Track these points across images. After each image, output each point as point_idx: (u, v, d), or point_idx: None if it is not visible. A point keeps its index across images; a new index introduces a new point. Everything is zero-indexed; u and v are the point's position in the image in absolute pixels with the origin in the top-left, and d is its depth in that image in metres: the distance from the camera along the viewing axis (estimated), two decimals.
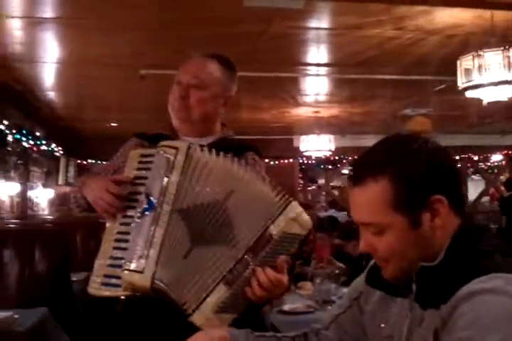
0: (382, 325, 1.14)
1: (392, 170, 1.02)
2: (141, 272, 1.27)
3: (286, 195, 1.35)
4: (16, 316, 2.67)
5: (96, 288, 1.36)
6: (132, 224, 1.36)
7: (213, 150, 1.41)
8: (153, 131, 1.78)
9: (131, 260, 1.29)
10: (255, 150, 1.75)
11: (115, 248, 1.38)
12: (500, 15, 3.64)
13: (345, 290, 3.34)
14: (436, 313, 0.98)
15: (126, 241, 1.36)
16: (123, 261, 1.33)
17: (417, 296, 1.04)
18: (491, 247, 1.01)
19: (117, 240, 1.39)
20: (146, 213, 1.33)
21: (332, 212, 9.69)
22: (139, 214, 1.34)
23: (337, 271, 3.46)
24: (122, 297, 1.35)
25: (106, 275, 1.36)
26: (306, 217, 1.36)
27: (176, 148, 1.39)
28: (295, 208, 1.34)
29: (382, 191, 1.02)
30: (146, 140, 1.70)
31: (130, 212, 1.39)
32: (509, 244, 1.04)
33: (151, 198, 1.34)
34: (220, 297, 1.29)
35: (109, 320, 1.55)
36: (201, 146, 1.43)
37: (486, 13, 3.60)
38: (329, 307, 3.05)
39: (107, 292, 1.35)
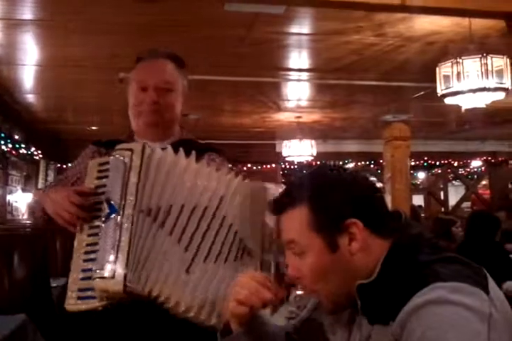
0: (335, 334, 1.16)
1: (311, 196, 1.07)
2: (112, 277, 1.26)
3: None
4: None
5: (72, 303, 1.35)
6: (100, 234, 1.35)
7: (168, 149, 1.43)
8: (112, 137, 1.76)
9: (102, 268, 1.28)
10: (216, 150, 1.74)
11: (85, 260, 1.36)
12: (478, 23, 3.69)
13: None
14: (386, 330, 0.98)
15: (96, 251, 1.34)
16: (93, 271, 1.31)
17: (363, 311, 1.05)
18: (429, 257, 1.01)
19: (87, 252, 1.37)
20: (110, 218, 1.32)
21: None
22: (103, 221, 1.33)
23: None
24: (100, 308, 1.32)
25: (80, 289, 1.34)
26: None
27: (131, 150, 1.39)
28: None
29: (300, 214, 1.07)
30: (103, 146, 1.69)
31: (96, 222, 1.38)
32: (451, 254, 1.04)
33: (112, 203, 1.33)
34: None
35: (87, 327, 1.52)
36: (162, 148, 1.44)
37: (465, 21, 3.65)
38: None
39: (83, 305, 1.34)
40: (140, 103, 1.66)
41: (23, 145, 6.62)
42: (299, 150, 7.59)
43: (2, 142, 5.93)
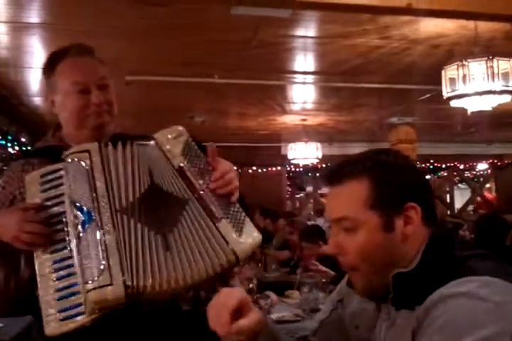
0: (359, 326, 1.16)
1: (374, 173, 1.06)
2: (110, 284, 1.19)
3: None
4: (0, 325, 2.64)
5: (56, 326, 1.26)
6: (71, 246, 1.27)
7: (119, 144, 1.38)
8: (37, 145, 1.66)
9: (93, 277, 1.20)
10: (150, 138, 1.61)
11: (58, 278, 1.28)
12: (484, 26, 3.69)
13: None
14: (411, 314, 0.99)
15: (69, 266, 1.27)
16: (76, 287, 1.25)
17: (393, 301, 1.05)
18: (464, 253, 1.02)
19: (57, 270, 1.29)
20: (88, 226, 1.24)
21: (322, 223, 9.69)
22: (79, 229, 1.25)
23: (324, 280, 3.46)
24: (88, 324, 1.25)
25: (61, 310, 1.26)
26: (173, 129, 1.42)
27: (87, 151, 1.33)
28: (162, 135, 1.41)
29: (362, 188, 1.05)
30: (34, 156, 1.57)
31: (60, 236, 1.30)
32: (483, 251, 1.05)
33: (85, 209, 1.26)
34: (225, 225, 1.30)
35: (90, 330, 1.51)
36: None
37: (470, 24, 3.65)
38: None
39: (71, 325, 1.25)
40: (84, 107, 1.53)
41: (29, 148, 6.65)
42: (305, 153, 7.59)
43: (9, 144, 5.96)
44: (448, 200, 10.54)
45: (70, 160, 1.33)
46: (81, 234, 1.25)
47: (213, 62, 4.54)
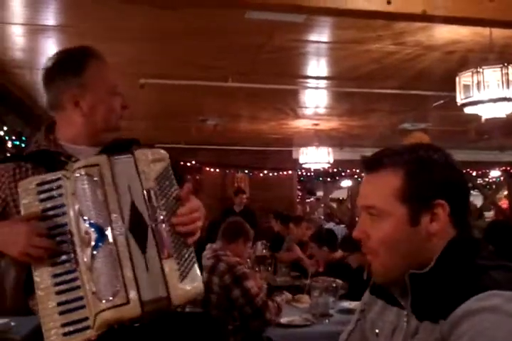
0: (378, 332, 1.16)
1: (410, 166, 1.07)
2: (126, 303, 1.18)
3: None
4: (12, 324, 2.66)
5: None
6: (78, 260, 1.23)
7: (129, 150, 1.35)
8: (30, 147, 1.58)
9: (109, 296, 1.18)
10: (137, 142, 1.60)
11: (59, 292, 1.24)
12: (499, 33, 3.67)
13: (343, 303, 3.34)
14: (434, 327, 0.98)
15: (72, 280, 1.24)
16: (80, 301, 1.22)
17: (413, 307, 1.05)
18: (488, 262, 1.02)
19: (58, 283, 1.25)
20: (101, 241, 1.21)
21: (332, 226, 9.68)
22: (92, 246, 1.21)
23: (334, 285, 3.44)
24: (93, 338, 1.23)
25: (64, 324, 1.23)
26: (156, 151, 1.34)
27: (97, 165, 1.28)
28: (143, 154, 1.32)
29: (395, 180, 1.07)
30: (27, 161, 1.49)
31: (61, 248, 1.26)
32: (507, 262, 1.04)
33: (98, 225, 1.22)
34: (171, 265, 1.24)
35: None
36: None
37: (485, 31, 3.63)
38: (326, 321, 3.04)
39: (76, 339, 1.22)
40: (115, 109, 1.55)
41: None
42: (316, 158, 7.59)
43: (23, 145, 6.01)
44: None
45: (78, 175, 1.27)
46: (94, 252, 1.21)
47: (227, 66, 4.56)
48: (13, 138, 5.75)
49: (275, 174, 9.45)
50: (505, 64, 3.53)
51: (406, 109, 6.33)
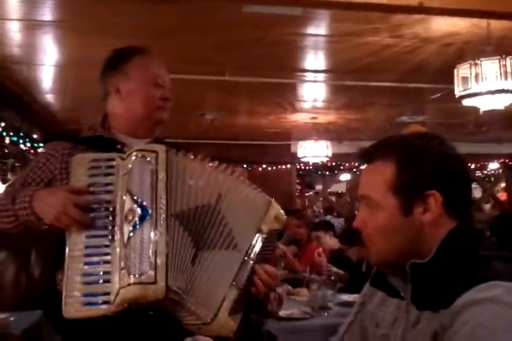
0: (379, 324, 1.16)
1: (401, 158, 1.08)
2: (153, 283, 1.20)
3: (264, 193, 1.41)
4: (11, 318, 2.66)
5: (76, 310, 1.26)
6: (115, 236, 1.27)
7: (189, 153, 1.41)
8: (84, 132, 1.69)
9: (137, 272, 1.21)
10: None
11: (87, 263, 1.28)
12: (496, 25, 3.67)
13: (342, 296, 3.36)
14: (435, 317, 0.99)
15: (104, 254, 1.28)
16: (106, 276, 1.25)
17: (413, 297, 1.06)
18: (490, 253, 1.02)
19: (89, 255, 1.29)
20: (143, 221, 1.25)
21: (329, 218, 9.70)
22: (135, 223, 1.25)
23: (333, 278, 3.46)
24: (110, 314, 1.26)
25: (86, 295, 1.26)
26: (283, 213, 1.43)
27: (155, 152, 1.34)
28: (275, 206, 1.41)
29: (387, 171, 1.08)
30: (81, 142, 1.58)
31: (99, 223, 1.31)
32: (509, 253, 1.04)
33: (144, 205, 1.27)
34: (232, 300, 1.29)
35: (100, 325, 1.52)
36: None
37: (483, 22, 3.63)
38: (325, 314, 3.06)
39: (91, 311, 1.26)
40: (153, 98, 1.62)
41: (41, 145, 6.70)
42: (315, 151, 7.59)
43: (21, 141, 6.01)
44: None
45: (135, 157, 1.33)
46: (137, 227, 1.24)
47: (224, 60, 4.55)
48: (11, 133, 5.75)
49: (274, 168, 9.45)
50: (503, 55, 3.52)
51: (404, 102, 6.33)
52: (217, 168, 1.41)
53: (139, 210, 1.26)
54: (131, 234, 1.25)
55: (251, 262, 1.33)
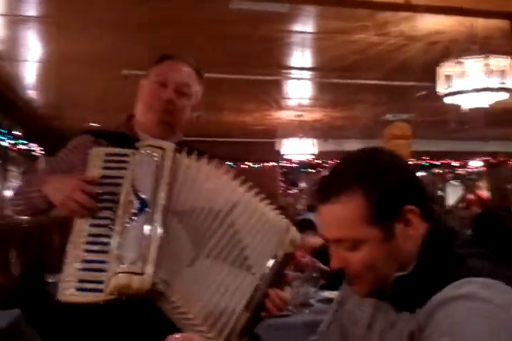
0: (357, 323, 1.16)
1: (365, 185, 1.01)
2: (140, 274, 1.23)
3: (281, 214, 1.39)
4: None
5: (70, 294, 1.30)
6: (114, 227, 1.31)
7: (194, 154, 1.41)
8: (110, 128, 1.75)
9: (126, 262, 1.24)
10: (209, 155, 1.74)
11: (87, 250, 1.32)
12: (480, 23, 3.69)
13: (323, 293, 3.36)
14: (411, 317, 0.98)
15: (103, 243, 1.31)
16: (102, 264, 1.28)
17: (392, 299, 1.05)
18: (464, 251, 1.01)
19: (90, 243, 1.33)
20: (141, 213, 1.28)
21: (310, 216, 9.71)
22: (132, 214, 1.29)
23: (315, 275, 3.45)
24: (101, 302, 1.28)
25: (81, 280, 1.30)
26: (298, 237, 1.40)
27: (163, 149, 1.37)
28: (292, 230, 1.39)
29: (358, 206, 1.01)
30: (104, 138, 1.64)
31: (104, 214, 1.35)
32: (481, 249, 1.04)
33: (143, 198, 1.30)
34: (243, 323, 1.28)
35: (81, 323, 1.51)
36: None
37: (468, 21, 3.65)
38: (307, 311, 3.05)
39: (84, 298, 1.29)
40: (154, 97, 1.65)
41: (23, 142, 6.63)
42: (299, 149, 7.60)
43: (3, 138, 5.93)
44: (440, 197, 10.59)
45: (143, 152, 1.37)
46: (133, 219, 1.28)
47: (211, 57, 4.52)
48: None
49: (258, 165, 9.45)
50: (488, 54, 3.55)
51: (389, 100, 6.36)
52: (232, 176, 1.41)
53: (137, 203, 1.29)
54: (127, 225, 1.28)
55: (264, 287, 1.32)
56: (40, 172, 1.71)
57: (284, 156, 7.95)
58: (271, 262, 1.34)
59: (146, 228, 1.27)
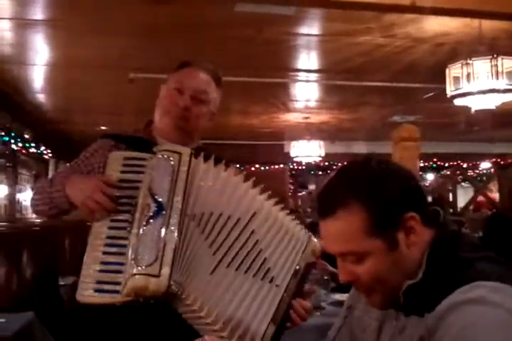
0: (366, 330, 1.15)
1: (362, 197, 1.01)
2: (156, 276, 1.24)
3: (301, 224, 1.40)
4: (2, 320, 2.63)
5: (88, 295, 1.31)
6: (132, 230, 1.32)
7: (211, 159, 1.41)
8: (128, 133, 1.77)
9: (143, 264, 1.25)
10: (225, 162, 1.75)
11: (105, 252, 1.34)
12: (488, 24, 3.68)
13: (335, 296, 3.35)
14: (420, 321, 0.98)
15: (121, 246, 1.32)
16: (120, 266, 1.29)
17: (402, 307, 1.05)
18: (472, 255, 1.01)
19: (108, 245, 1.35)
20: (157, 216, 1.30)
21: None
22: (149, 217, 1.30)
23: (326, 277, 3.44)
24: (118, 304, 1.29)
25: (99, 282, 1.31)
26: (319, 246, 1.40)
27: (179, 153, 1.38)
28: (313, 241, 1.40)
29: (357, 219, 1.00)
30: (123, 142, 1.66)
31: (121, 216, 1.36)
32: (490, 252, 1.03)
33: (160, 201, 1.31)
34: (271, 336, 1.30)
35: (97, 325, 1.52)
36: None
37: (474, 22, 3.64)
38: (318, 314, 3.04)
39: (101, 299, 1.30)
40: (171, 103, 1.67)
41: (32, 145, 6.67)
42: (307, 151, 7.59)
43: (12, 141, 5.98)
44: (451, 199, 10.53)
45: (160, 156, 1.38)
46: (150, 222, 1.29)
47: (217, 60, 4.52)
48: (2, 133, 5.72)
49: (267, 168, 9.45)
50: (495, 55, 3.54)
51: (396, 101, 6.35)
52: (251, 184, 1.42)
53: (154, 206, 1.31)
54: (144, 228, 1.30)
55: (289, 299, 1.34)
56: (62, 174, 1.74)
57: (293, 159, 7.93)
58: (294, 273, 1.35)
59: (163, 231, 1.28)
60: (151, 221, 1.29)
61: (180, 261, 1.27)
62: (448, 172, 10.81)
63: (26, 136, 6.52)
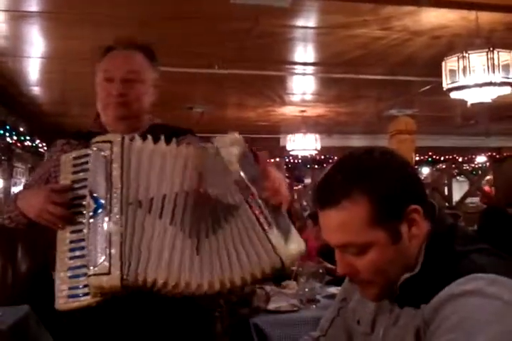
0: (360, 321, 1.15)
1: (367, 187, 0.99)
2: (107, 273, 1.24)
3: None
4: None
5: (63, 302, 1.34)
6: (84, 230, 1.32)
7: (148, 138, 1.39)
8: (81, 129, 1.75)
9: (94, 264, 1.26)
10: (191, 132, 1.70)
11: (71, 258, 1.35)
12: (485, 17, 3.67)
13: (329, 289, 3.37)
14: (417, 313, 0.98)
15: (82, 248, 1.32)
16: (84, 269, 1.30)
17: (397, 298, 1.04)
18: (467, 247, 1.01)
19: (72, 249, 1.35)
20: (97, 213, 1.29)
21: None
22: (90, 217, 1.30)
23: (321, 270, 3.46)
24: (93, 305, 1.31)
25: (71, 288, 1.33)
26: (234, 137, 1.43)
27: (110, 142, 1.37)
28: (223, 141, 1.41)
29: (362, 210, 0.99)
30: (72, 138, 1.66)
31: (79, 218, 1.36)
32: (485, 245, 1.03)
33: (97, 197, 1.30)
34: (275, 233, 1.35)
35: (88, 319, 1.52)
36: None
37: (471, 15, 3.63)
38: (313, 307, 3.06)
39: (75, 303, 1.32)
40: (107, 95, 1.63)
41: (28, 138, 6.64)
42: (304, 145, 7.58)
43: (7, 134, 5.94)
44: (446, 193, 10.55)
45: (95, 149, 1.37)
46: (90, 221, 1.29)
47: (212, 53, 4.52)
48: None
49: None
50: (491, 48, 3.53)
51: (393, 95, 6.34)
52: (183, 147, 1.40)
53: (92, 202, 1.30)
54: (89, 226, 1.30)
55: (256, 200, 1.35)
56: (26, 186, 1.73)
57: (289, 152, 7.92)
58: (237, 179, 1.37)
59: (105, 226, 1.28)
60: (93, 218, 1.29)
61: (129, 249, 1.27)
62: (443, 166, 10.82)
63: (21, 129, 6.49)
